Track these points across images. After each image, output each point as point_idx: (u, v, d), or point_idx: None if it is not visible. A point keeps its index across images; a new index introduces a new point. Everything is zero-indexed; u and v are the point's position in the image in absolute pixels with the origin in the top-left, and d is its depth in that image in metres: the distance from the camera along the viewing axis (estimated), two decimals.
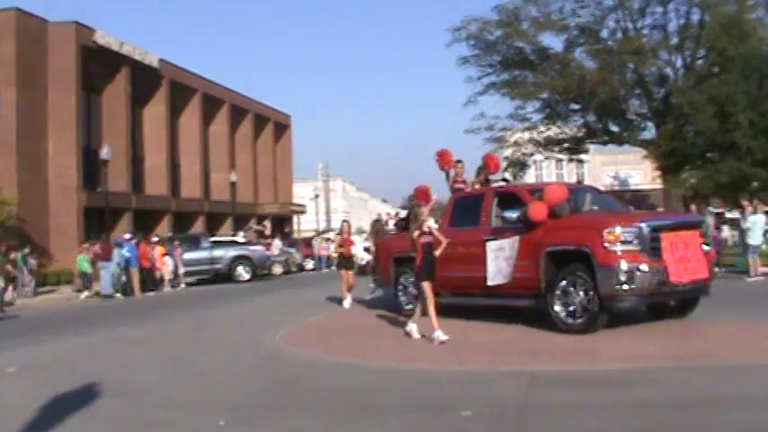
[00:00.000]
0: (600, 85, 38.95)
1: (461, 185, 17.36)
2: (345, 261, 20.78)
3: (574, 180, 59.86)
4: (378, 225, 25.24)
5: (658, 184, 45.58)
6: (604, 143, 46.93)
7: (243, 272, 36.21)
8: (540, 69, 42.52)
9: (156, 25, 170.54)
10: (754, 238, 22.77)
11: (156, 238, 35.16)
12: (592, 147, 51.56)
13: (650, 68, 41.26)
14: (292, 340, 14.05)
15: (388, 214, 39.55)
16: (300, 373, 11.01)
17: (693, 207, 27.64)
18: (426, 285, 12.85)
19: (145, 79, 51.03)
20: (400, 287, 17.08)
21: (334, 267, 42.97)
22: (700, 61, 40.61)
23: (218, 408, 8.89)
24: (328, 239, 49.18)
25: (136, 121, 51.65)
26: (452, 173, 17.57)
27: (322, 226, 73.54)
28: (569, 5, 41.60)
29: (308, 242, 51.61)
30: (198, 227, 54.65)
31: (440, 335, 12.40)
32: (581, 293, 12.46)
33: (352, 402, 8.87)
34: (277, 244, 43.44)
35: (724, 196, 33.41)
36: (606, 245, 12.06)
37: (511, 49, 43.68)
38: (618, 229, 12.13)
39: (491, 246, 14.15)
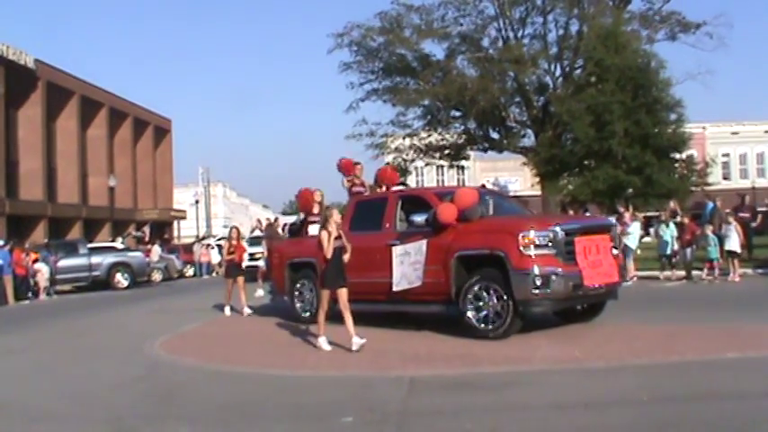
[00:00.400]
0: (480, 93, 39.53)
1: (360, 188, 17.23)
2: (235, 269, 19.85)
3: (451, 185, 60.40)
4: (271, 229, 24.58)
5: (537, 191, 46.44)
6: (485, 150, 47.66)
7: (122, 279, 35.39)
8: (421, 76, 42.90)
9: (32, 24, 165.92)
10: (632, 243, 23.54)
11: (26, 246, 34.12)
12: (472, 153, 52.22)
13: (530, 77, 42.12)
14: (172, 348, 13.80)
15: (267, 219, 39.35)
16: (181, 382, 10.82)
17: (571, 213, 28.22)
18: (341, 292, 12.11)
19: (19, 80, 49.58)
20: (296, 294, 16.47)
21: (216, 274, 42.54)
22: (578, 71, 41.66)
23: (95, 419, 8.67)
24: (209, 245, 48.55)
25: (9, 123, 50.15)
26: (348, 177, 17.47)
27: (203, 232, 72.60)
28: (451, 14, 42.17)
29: (188, 248, 50.84)
30: (75, 233, 53.50)
31: (358, 340, 11.91)
32: (494, 299, 12.24)
33: (233, 411, 8.76)
34: (156, 250, 42.64)
35: (601, 203, 34.18)
36: (521, 249, 11.91)
37: (393, 55, 43.95)
38: (532, 233, 12.01)
39: (396, 250, 13.64)
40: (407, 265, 13.39)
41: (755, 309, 13.34)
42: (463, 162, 51.01)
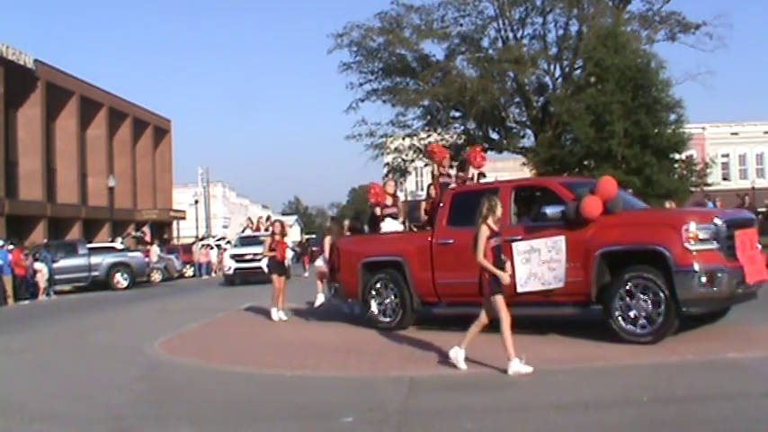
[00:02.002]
0: (480, 93, 39.55)
1: (447, 179, 15.88)
2: (278, 266, 18.44)
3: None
4: (336, 227, 23.11)
5: None
6: (484, 150, 47.56)
7: (121, 279, 35.38)
8: (421, 77, 42.92)
9: (32, 24, 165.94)
10: None
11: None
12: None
13: (530, 77, 42.14)
14: (172, 348, 13.80)
15: (260, 218, 39.42)
16: (181, 382, 10.83)
17: None
18: (499, 299, 9.91)
19: (19, 80, 49.53)
20: (372, 298, 14.69)
21: (215, 274, 42.50)
22: (577, 71, 41.68)
23: (95, 419, 8.67)
24: (208, 246, 48.60)
25: (9, 123, 50.08)
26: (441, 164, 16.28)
27: (202, 232, 72.59)
28: (451, 14, 42.21)
29: (187, 248, 50.83)
30: (75, 233, 53.41)
31: (519, 364, 9.69)
32: (647, 299, 11.09)
33: (233, 411, 8.76)
34: (155, 250, 42.65)
35: None
36: (684, 244, 10.86)
37: (392, 56, 43.99)
38: (695, 226, 10.99)
39: (518, 247, 12.11)
40: (537, 264, 11.98)
41: (755, 309, 13.33)
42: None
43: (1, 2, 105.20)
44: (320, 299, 17.45)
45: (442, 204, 14.15)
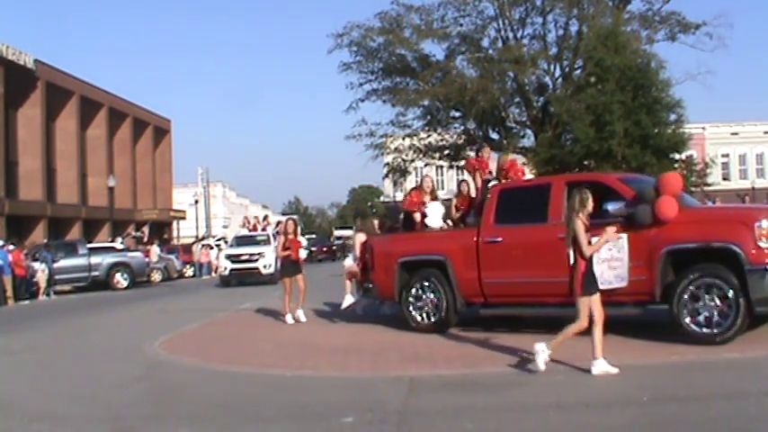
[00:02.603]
0: (480, 93, 39.53)
1: (488, 175, 15.24)
2: (292, 266, 17.52)
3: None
4: (369, 224, 21.47)
5: None
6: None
7: (121, 279, 35.39)
8: (421, 77, 42.90)
9: (32, 24, 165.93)
10: None
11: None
12: (472, 154, 52.22)
13: (530, 77, 42.11)
14: (172, 348, 13.80)
15: (256, 218, 39.26)
16: (180, 382, 10.83)
17: None
18: (595, 299, 9.57)
19: (19, 80, 49.54)
20: (411, 299, 14.01)
21: (215, 274, 42.45)
22: (577, 71, 41.65)
23: (95, 419, 8.67)
24: (208, 246, 48.57)
25: (9, 123, 50.11)
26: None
27: (202, 232, 72.60)
28: (451, 14, 42.16)
29: (187, 249, 50.84)
30: (75, 233, 53.40)
31: (606, 365, 9.49)
32: (717, 298, 10.74)
33: (234, 411, 8.76)
34: (155, 250, 42.65)
35: None
36: (759, 242, 10.53)
37: (392, 56, 43.97)
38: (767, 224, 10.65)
39: None
40: (596, 263, 10.91)
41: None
42: (463, 162, 51.04)
43: (1, 2, 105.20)
44: (348, 300, 16.53)
45: (486, 202, 13.59)
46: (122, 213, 61.20)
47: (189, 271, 46.93)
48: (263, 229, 37.06)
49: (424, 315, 13.86)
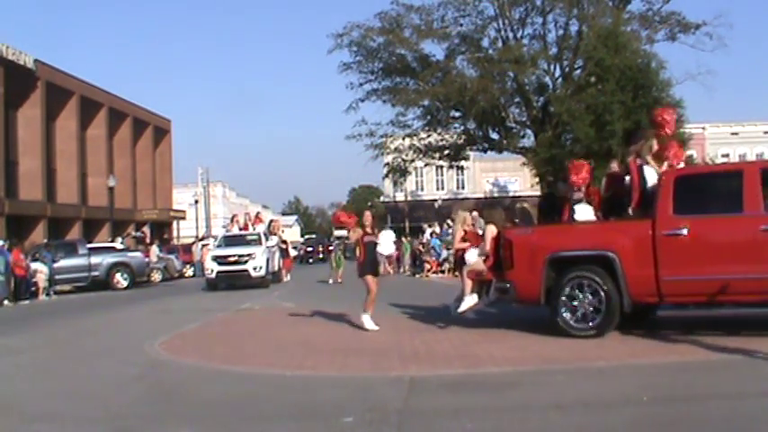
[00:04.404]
0: (480, 93, 39.62)
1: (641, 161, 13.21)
2: (372, 265, 15.28)
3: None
4: (499, 214, 18.63)
5: (537, 191, 46.55)
6: (484, 150, 47.81)
7: (121, 279, 35.35)
8: (421, 77, 43.01)
9: (32, 24, 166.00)
10: None
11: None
12: (472, 153, 52.37)
13: (530, 77, 42.24)
14: (172, 348, 13.78)
15: (247, 214, 38.83)
16: (181, 382, 10.80)
17: None
18: None
19: (19, 80, 49.53)
20: (565, 301, 12.24)
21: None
22: (577, 71, 41.78)
23: (95, 419, 8.64)
24: (208, 246, 48.47)
25: (9, 123, 50.10)
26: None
27: (202, 232, 72.59)
28: (451, 14, 42.34)
29: (187, 248, 50.81)
30: (74, 233, 53.38)
31: None
32: None
33: (234, 411, 8.75)
34: (154, 250, 42.60)
35: None
36: None
37: (392, 56, 44.11)
38: None
39: None
40: None
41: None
42: (463, 162, 51.18)
43: (1, 2, 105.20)
44: (468, 302, 14.34)
45: (660, 190, 11.95)
46: (122, 213, 61.17)
47: (189, 271, 46.91)
48: (254, 225, 35.65)
49: (580, 317, 12.18)
